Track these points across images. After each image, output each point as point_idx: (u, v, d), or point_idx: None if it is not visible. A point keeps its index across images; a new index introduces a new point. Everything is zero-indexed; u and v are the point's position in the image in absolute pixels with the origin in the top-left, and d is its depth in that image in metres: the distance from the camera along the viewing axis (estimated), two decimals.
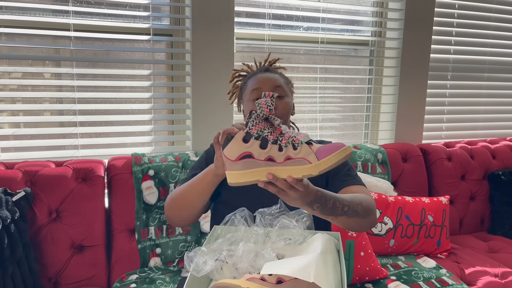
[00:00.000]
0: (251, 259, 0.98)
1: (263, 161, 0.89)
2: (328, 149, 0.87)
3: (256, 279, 0.88)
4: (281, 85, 1.31)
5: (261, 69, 1.40)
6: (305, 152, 0.87)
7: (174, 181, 1.74)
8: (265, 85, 1.29)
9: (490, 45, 2.61)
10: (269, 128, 0.91)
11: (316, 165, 0.87)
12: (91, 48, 1.86)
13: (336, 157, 0.86)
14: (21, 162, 1.66)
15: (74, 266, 1.59)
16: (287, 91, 1.33)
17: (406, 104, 2.40)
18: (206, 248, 0.99)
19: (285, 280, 0.88)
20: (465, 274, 1.77)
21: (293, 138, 0.89)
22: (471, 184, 2.29)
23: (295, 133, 0.91)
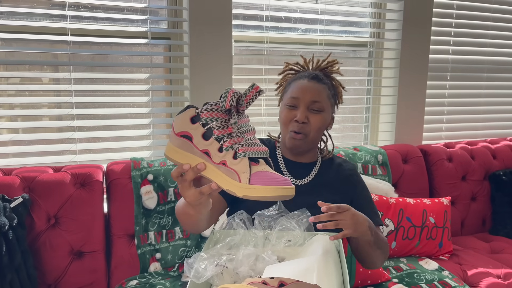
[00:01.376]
0: (252, 263, 0.97)
1: (199, 151, 0.82)
2: (267, 179, 0.77)
3: (258, 283, 0.87)
4: (320, 100, 1.24)
5: (310, 74, 1.29)
6: (242, 168, 0.78)
7: (173, 185, 1.72)
8: (304, 96, 1.23)
9: (489, 45, 2.61)
10: (221, 122, 0.81)
11: (242, 187, 0.77)
12: (88, 52, 1.85)
13: (270, 192, 0.76)
14: (19, 168, 1.64)
15: (74, 273, 1.58)
16: (325, 106, 1.26)
17: (406, 105, 2.39)
18: (205, 253, 0.97)
19: (287, 283, 0.87)
20: (467, 276, 1.76)
21: (238, 146, 0.80)
22: (472, 185, 2.28)
23: (248, 141, 0.81)
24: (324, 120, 1.26)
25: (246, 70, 2.15)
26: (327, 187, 1.28)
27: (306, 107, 1.23)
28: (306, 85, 1.25)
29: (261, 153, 0.81)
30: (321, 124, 1.25)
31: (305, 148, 1.28)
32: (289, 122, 1.25)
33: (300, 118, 1.21)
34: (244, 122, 0.84)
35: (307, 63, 1.38)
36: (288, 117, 1.25)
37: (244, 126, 0.83)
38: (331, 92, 1.29)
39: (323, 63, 1.36)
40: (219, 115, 0.81)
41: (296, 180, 1.28)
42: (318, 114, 1.24)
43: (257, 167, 0.79)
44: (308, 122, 1.23)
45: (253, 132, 0.85)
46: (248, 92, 0.81)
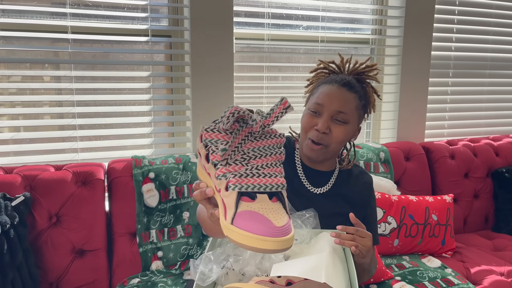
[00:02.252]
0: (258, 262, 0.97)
1: (206, 172, 0.75)
2: (252, 224, 0.63)
3: (265, 281, 0.86)
4: (345, 111, 1.14)
5: (342, 79, 1.18)
6: (229, 202, 0.67)
7: (175, 183, 1.72)
8: (329, 104, 1.14)
9: (492, 42, 2.59)
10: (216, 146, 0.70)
11: (225, 226, 0.66)
12: (89, 50, 1.84)
13: (251, 241, 0.62)
14: (20, 167, 1.64)
15: (75, 271, 1.58)
16: (351, 118, 1.16)
17: (408, 102, 2.38)
18: (211, 254, 0.97)
19: (295, 282, 0.86)
20: (470, 273, 1.75)
21: (230, 177, 0.68)
22: (475, 182, 2.27)
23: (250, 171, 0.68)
24: (347, 132, 1.17)
25: (248, 67, 2.14)
26: (343, 199, 1.23)
27: (329, 117, 1.14)
28: (335, 92, 1.15)
29: (263, 187, 0.67)
30: (344, 137, 1.16)
31: (322, 159, 1.20)
32: (310, 129, 1.16)
33: (321, 128, 1.13)
34: (260, 146, 0.71)
35: (343, 63, 1.28)
36: (309, 124, 1.16)
37: (257, 150, 0.70)
38: (361, 102, 1.19)
39: (361, 67, 1.26)
40: (220, 136, 0.70)
41: (314, 188, 1.22)
42: (341, 125, 1.15)
43: (248, 205, 0.65)
44: (329, 132, 1.14)
45: (274, 158, 0.71)
46: (275, 108, 0.70)
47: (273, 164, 0.70)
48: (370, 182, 1.33)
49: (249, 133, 0.69)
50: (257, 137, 0.70)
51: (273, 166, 0.70)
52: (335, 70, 1.28)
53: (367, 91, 1.25)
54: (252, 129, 0.68)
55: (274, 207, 0.66)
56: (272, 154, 0.71)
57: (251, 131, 0.69)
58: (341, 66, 1.28)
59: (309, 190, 1.22)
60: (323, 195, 1.22)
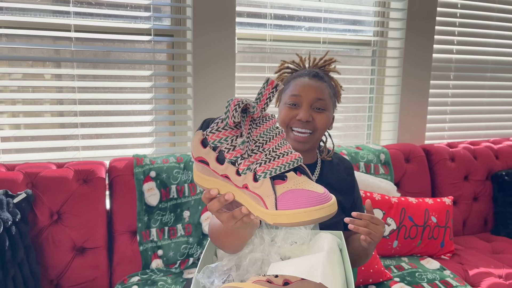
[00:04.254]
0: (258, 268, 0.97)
1: (219, 176, 0.73)
2: (297, 200, 0.63)
3: (262, 281, 0.87)
4: (323, 98, 1.19)
5: (310, 72, 1.24)
6: (265, 191, 0.66)
7: (175, 182, 1.73)
8: (307, 94, 1.18)
9: (493, 45, 2.60)
10: (231, 142, 0.69)
11: (270, 215, 0.65)
12: (91, 49, 1.85)
13: (304, 217, 0.62)
14: (22, 164, 1.65)
15: (76, 268, 1.58)
16: (329, 105, 1.21)
17: (409, 105, 2.39)
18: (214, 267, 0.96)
19: (291, 282, 0.86)
20: (469, 276, 1.76)
21: (256, 166, 0.67)
22: (475, 185, 2.28)
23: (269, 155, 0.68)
24: (328, 119, 1.21)
25: (249, 68, 2.15)
26: (331, 188, 1.23)
27: (309, 105, 1.18)
28: (308, 82, 1.20)
29: (287, 166, 0.67)
30: (326, 124, 1.21)
31: (309, 147, 1.22)
32: (290, 121, 1.19)
33: (303, 117, 1.16)
34: (264, 130, 0.71)
35: (303, 61, 1.33)
36: (289, 116, 1.19)
37: (264, 135, 0.70)
38: (332, 91, 1.25)
39: (320, 62, 1.31)
40: (228, 133, 0.69)
41: None
42: (322, 113, 1.19)
43: (284, 186, 0.66)
44: (312, 120, 1.18)
45: (279, 138, 0.72)
46: (264, 90, 0.70)
47: (282, 143, 0.71)
48: (350, 167, 1.36)
49: (251, 121, 0.70)
50: (257, 123, 0.71)
51: (283, 145, 0.71)
52: (298, 67, 1.33)
53: (332, 82, 1.29)
54: (253, 116, 0.69)
55: (304, 180, 0.67)
56: (276, 134, 0.72)
57: (252, 118, 0.70)
58: (301, 64, 1.33)
59: None
60: None
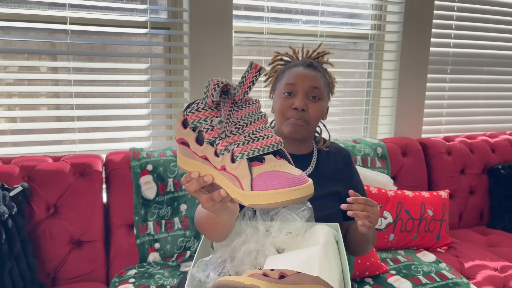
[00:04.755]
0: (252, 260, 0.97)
1: (199, 157, 0.73)
2: (273, 181, 0.64)
3: (258, 274, 0.87)
4: (319, 86, 1.19)
5: (305, 62, 1.25)
6: (241, 172, 0.66)
7: (172, 176, 1.72)
8: (302, 82, 1.18)
9: (490, 39, 2.60)
10: (209, 123, 0.69)
11: (246, 196, 0.66)
12: (87, 41, 1.84)
13: (279, 197, 0.62)
14: (18, 157, 1.64)
15: (73, 262, 1.59)
16: (323, 94, 1.21)
17: (406, 98, 2.39)
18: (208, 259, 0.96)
19: (287, 275, 0.87)
20: (464, 268, 1.77)
21: (234, 147, 0.68)
22: (471, 178, 2.29)
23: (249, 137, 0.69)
24: (323, 109, 1.22)
25: (246, 61, 2.14)
26: (328, 178, 1.26)
27: (304, 94, 1.18)
28: (303, 71, 1.20)
29: (266, 148, 0.68)
30: (320, 113, 1.21)
31: (305, 135, 1.22)
32: (286, 111, 1.19)
33: (299, 105, 1.15)
34: (246, 113, 0.72)
35: (296, 53, 1.33)
36: (285, 105, 1.19)
37: (245, 118, 0.71)
38: (326, 81, 1.25)
39: (313, 54, 1.32)
40: (207, 114, 0.69)
41: None
42: (317, 102, 1.19)
43: (261, 168, 0.66)
44: (307, 110, 1.18)
45: (261, 122, 0.73)
46: (247, 74, 0.70)
47: (263, 127, 0.72)
48: (348, 156, 1.36)
49: (232, 103, 0.70)
50: (239, 106, 0.71)
51: (264, 128, 0.72)
52: (291, 60, 1.32)
53: (326, 73, 1.29)
54: (234, 98, 0.70)
55: (282, 163, 0.68)
56: (258, 118, 0.73)
57: (234, 101, 0.70)
58: (294, 56, 1.33)
59: None
60: (310, 176, 1.22)
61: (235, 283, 0.83)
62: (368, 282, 1.60)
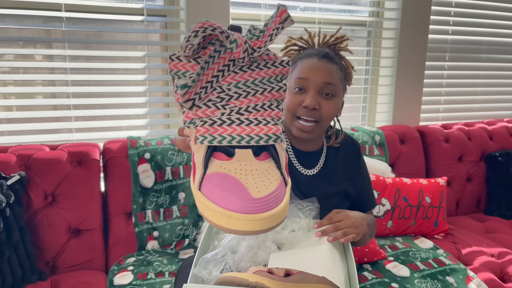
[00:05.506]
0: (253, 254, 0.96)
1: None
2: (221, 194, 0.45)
3: (263, 271, 0.86)
4: (333, 82, 1.08)
5: (320, 52, 1.11)
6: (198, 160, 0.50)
7: (170, 164, 1.72)
8: (315, 77, 1.06)
9: (488, 26, 2.59)
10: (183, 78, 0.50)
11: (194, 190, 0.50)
12: (83, 29, 1.82)
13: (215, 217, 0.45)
14: (15, 146, 1.63)
15: (71, 250, 1.59)
16: (338, 90, 1.10)
17: (404, 86, 2.38)
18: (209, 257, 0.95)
19: (293, 273, 0.86)
20: (462, 254, 1.78)
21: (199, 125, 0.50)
22: (468, 166, 2.29)
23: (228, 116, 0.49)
24: (337, 106, 1.11)
25: None
26: (337, 175, 1.20)
27: (317, 91, 1.07)
28: (317, 64, 1.08)
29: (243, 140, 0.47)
30: (334, 112, 1.10)
31: (315, 136, 1.13)
32: (296, 108, 1.08)
33: (310, 104, 1.05)
34: (248, 79, 0.50)
35: (312, 38, 1.21)
36: (295, 102, 1.08)
37: (243, 86, 0.50)
38: (342, 73, 1.13)
39: (331, 39, 1.19)
40: (187, 67, 0.50)
41: (306, 170, 1.16)
42: (330, 100, 1.09)
43: (221, 165, 0.47)
44: (319, 108, 1.07)
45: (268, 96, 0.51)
46: (270, 21, 0.50)
47: (267, 105, 0.50)
48: (357, 149, 1.26)
49: (230, 60, 0.49)
50: (244, 67, 0.50)
51: (265, 108, 0.50)
52: (306, 45, 1.21)
53: (343, 62, 1.19)
54: (233, 55, 0.48)
55: (260, 167, 0.47)
56: (265, 91, 0.50)
57: (233, 58, 0.49)
58: (310, 41, 1.21)
59: (302, 173, 1.16)
60: (317, 175, 1.17)
61: (239, 280, 0.82)
62: (367, 268, 1.61)
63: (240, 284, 0.81)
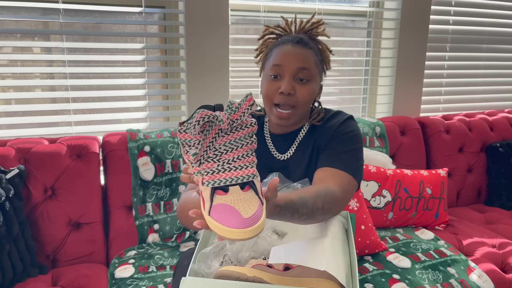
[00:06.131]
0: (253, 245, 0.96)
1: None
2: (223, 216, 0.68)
3: (262, 265, 0.86)
4: (307, 67, 1.09)
5: (294, 38, 1.12)
6: (206, 196, 0.72)
7: (170, 157, 1.71)
8: (288, 63, 1.08)
9: (489, 16, 2.57)
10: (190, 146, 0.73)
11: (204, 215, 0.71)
12: (81, 21, 1.80)
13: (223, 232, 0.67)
14: (14, 139, 1.62)
15: (72, 243, 1.58)
16: (314, 74, 1.11)
17: (404, 77, 2.37)
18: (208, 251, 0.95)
19: (292, 267, 0.86)
20: (463, 245, 1.78)
21: (204, 175, 0.72)
22: (469, 157, 2.29)
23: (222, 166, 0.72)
24: (313, 91, 1.12)
25: (243, 40, 2.10)
26: (311, 152, 1.16)
27: (292, 76, 1.09)
28: (291, 50, 1.10)
29: (234, 180, 0.71)
30: (310, 97, 1.11)
31: (294, 121, 1.14)
32: (273, 95, 1.10)
33: (285, 90, 1.07)
34: (232, 139, 0.74)
35: (289, 25, 1.21)
36: (271, 89, 1.10)
37: (229, 144, 0.73)
38: (318, 58, 1.14)
39: (307, 25, 1.19)
40: (192, 136, 0.72)
41: (281, 155, 1.18)
42: (305, 85, 1.10)
43: (222, 198, 0.70)
44: (294, 94, 1.08)
45: (246, 148, 0.75)
46: (242, 104, 0.73)
47: (244, 155, 0.74)
48: (341, 120, 1.17)
49: (219, 129, 0.73)
50: (227, 132, 0.74)
51: (244, 157, 0.74)
52: (283, 33, 1.21)
53: (320, 47, 1.19)
54: (221, 127, 0.72)
55: (245, 196, 0.70)
56: (243, 145, 0.74)
57: (221, 128, 0.73)
58: (287, 28, 1.21)
59: (277, 158, 1.18)
60: (291, 158, 1.17)
61: (237, 274, 0.81)
62: (368, 260, 1.61)
63: (238, 278, 0.81)
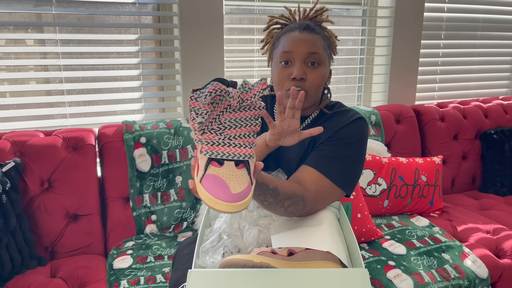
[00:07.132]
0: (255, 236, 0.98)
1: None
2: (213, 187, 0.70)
3: (267, 252, 0.87)
4: (317, 51, 1.09)
5: (301, 25, 1.13)
6: (202, 164, 0.74)
7: (166, 148, 1.71)
8: (298, 49, 1.08)
9: (484, 3, 2.56)
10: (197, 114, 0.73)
11: (196, 182, 0.73)
12: (74, 12, 1.78)
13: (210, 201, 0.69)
14: (9, 132, 1.62)
15: (70, 235, 1.59)
16: (323, 59, 1.11)
17: (399, 65, 2.37)
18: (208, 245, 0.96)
19: (296, 252, 0.87)
20: (457, 231, 1.80)
21: (204, 144, 0.74)
22: (464, 144, 2.30)
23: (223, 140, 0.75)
24: (323, 75, 1.12)
25: (238, 30, 2.10)
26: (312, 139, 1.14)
27: (302, 61, 1.09)
28: (299, 36, 1.10)
29: (230, 156, 0.73)
30: (320, 81, 1.11)
31: (306, 106, 1.14)
32: (284, 81, 1.10)
33: (297, 75, 1.07)
34: (238, 117, 0.75)
35: (292, 14, 1.22)
36: (282, 76, 1.10)
37: (234, 121, 0.75)
38: (326, 42, 1.15)
39: (311, 13, 1.20)
40: (201, 105, 0.73)
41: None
42: (316, 69, 1.10)
43: (215, 170, 0.72)
44: (306, 79, 1.08)
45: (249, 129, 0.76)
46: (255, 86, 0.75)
47: (246, 134, 0.76)
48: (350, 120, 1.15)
49: (228, 105, 0.74)
50: (235, 109, 0.75)
51: (245, 136, 0.76)
52: (288, 22, 1.22)
53: (326, 33, 1.19)
54: (230, 103, 0.73)
55: (238, 173, 0.72)
56: (247, 125, 0.76)
57: (230, 104, 0.74)
58: (291, 17, 1.22)
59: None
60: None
61: (244, 262, 0.82)
62: (364, 247, 1.63)
63: (245, 265, 0.82)
